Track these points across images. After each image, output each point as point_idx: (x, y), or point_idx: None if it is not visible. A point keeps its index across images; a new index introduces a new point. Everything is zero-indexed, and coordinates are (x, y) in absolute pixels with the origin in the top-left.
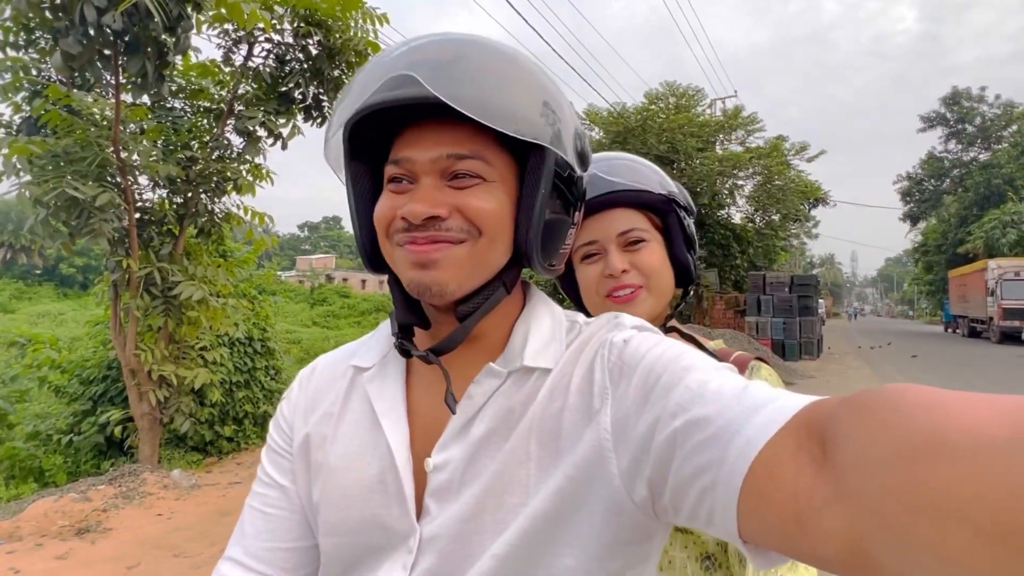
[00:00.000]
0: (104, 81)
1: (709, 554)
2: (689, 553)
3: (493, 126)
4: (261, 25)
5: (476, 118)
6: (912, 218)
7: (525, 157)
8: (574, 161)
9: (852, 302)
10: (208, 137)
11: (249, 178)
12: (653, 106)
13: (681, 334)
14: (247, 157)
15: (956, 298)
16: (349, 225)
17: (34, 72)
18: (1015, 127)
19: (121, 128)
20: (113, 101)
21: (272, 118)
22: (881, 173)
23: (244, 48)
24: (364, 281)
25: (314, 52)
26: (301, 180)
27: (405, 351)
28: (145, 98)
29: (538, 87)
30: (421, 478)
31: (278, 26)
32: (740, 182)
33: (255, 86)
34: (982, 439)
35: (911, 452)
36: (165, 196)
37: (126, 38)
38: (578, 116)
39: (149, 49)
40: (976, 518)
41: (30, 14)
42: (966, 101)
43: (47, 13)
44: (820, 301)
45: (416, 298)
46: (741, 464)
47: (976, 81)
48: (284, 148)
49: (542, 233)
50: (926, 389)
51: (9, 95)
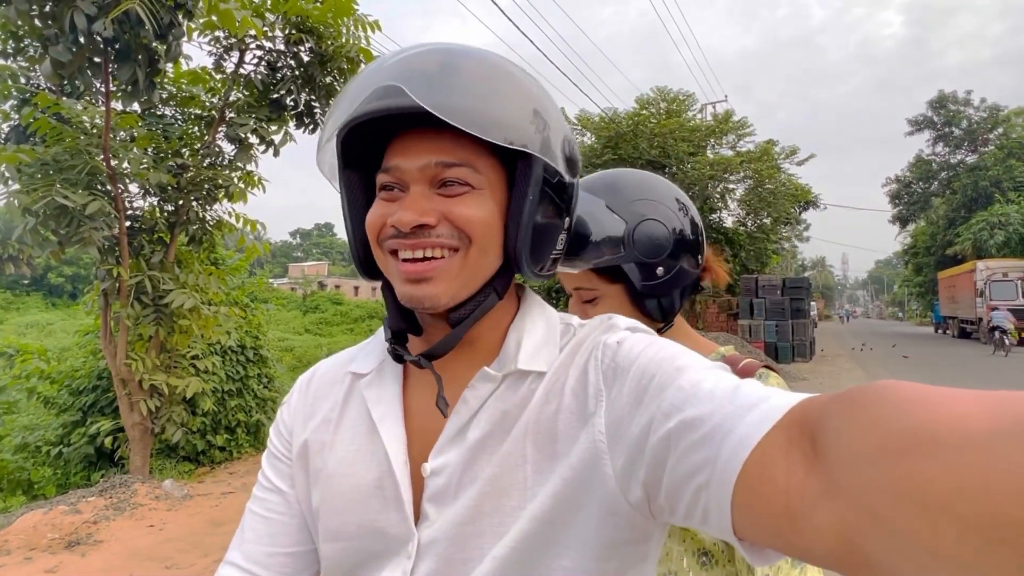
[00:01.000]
0: (94, 89)
1: (706, 551)
2: (686, 547)
3: (479, 135)
4: (253, 32)
5: (461, 127)
6: (901, 220)
7: (514, 164)
8: (563, 168)
9: (843, 304)
10: (199, 144)
11: (241, 185)
12: (644, 111)
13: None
14: (239, 164)
15: (946, 299)
16: (342, 232)
17: (23, 80)
18: (1000, 130)
19: (111, 136)
20: (103, 109)
21: (264, 125)
22: (870, 176)
23: (235, 55)
24: (357, 288)
25: (306, 59)
26: (293, 187)
27: (398, 357)
28: (135, 106)
29: (526, 95)
30: (419, 483)
31: (270, 33)
32: (731, 186)
33: (247, 93)
34: (967, 433)
35: (899, 447)
36: (156, 204)
37: (116, 45)
38: (570, 122)
39: (140, 56)
40: (962, 511)
41: (19, 22)
42: (952, 105)
43: (36, 21)
44: (812, 303)
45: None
46: (734, 463)
47: (962, 85)
48: (276, 155)
49: (532, 240)
50: (914, 385)
51: None
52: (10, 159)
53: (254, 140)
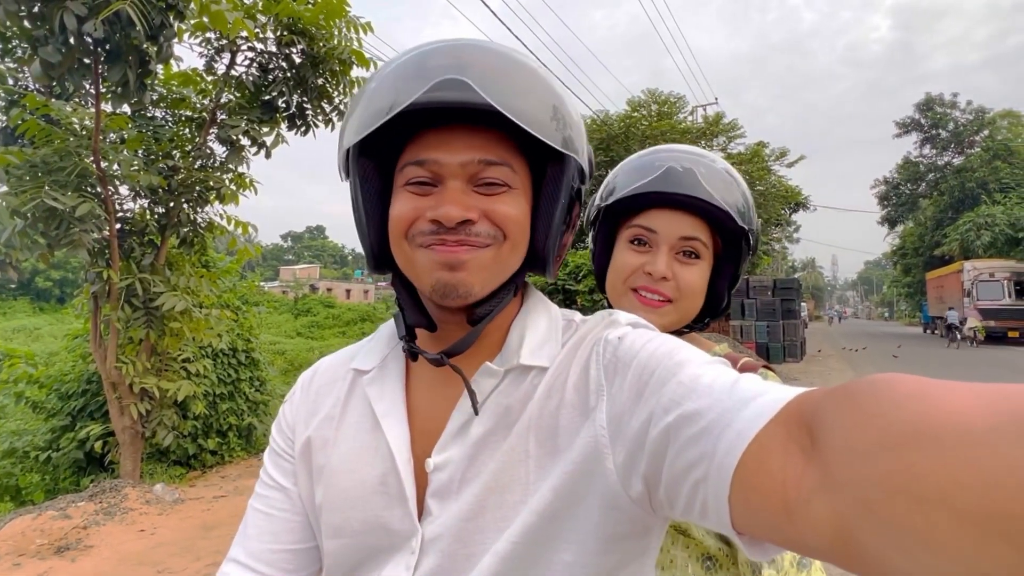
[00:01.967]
0: (84, 90)
1: (710, 555)
2: (690, 553)
3: (541, 137)
4: (244, 33)
5: (528, 129)
6: (890, 222)
7: (539, 165)
8: (587, 171)
9: (833, 305)
10: (190, 146)
11: (232, 187)
12: (636, 113)
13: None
14: (230, 166)
15: (934, 299)
16: (333, 235)
17: (11, 81)
18: (986, 132)
19: (101, 138)
20: (93, 110)
21: (255, 127)
22: (859, 178)
23: (227, 57)
24: (348, 291)
25: (298, 61)
26: (284, 190)
27: (414, 354)
28: (126, 107)
29: (561, 98)
30: (422, 479)
31: (261, 35)
32: None
33: (238, 95)
34: (964, 427)
35: (896, 440)
36: (146, 206)
37: (107, 46)
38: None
39: (130, 58)
40: (958, 504)
41: (7, 22)
42: (939, 107)
43: (25, 22)
44: (802, 304)
45: (425, 300)
46: (731, 456)
47: (948, 87)
48: (268, 157)
49: (557, 240)
50: (911, 379)
51: None
52: None
53: (246, 142)
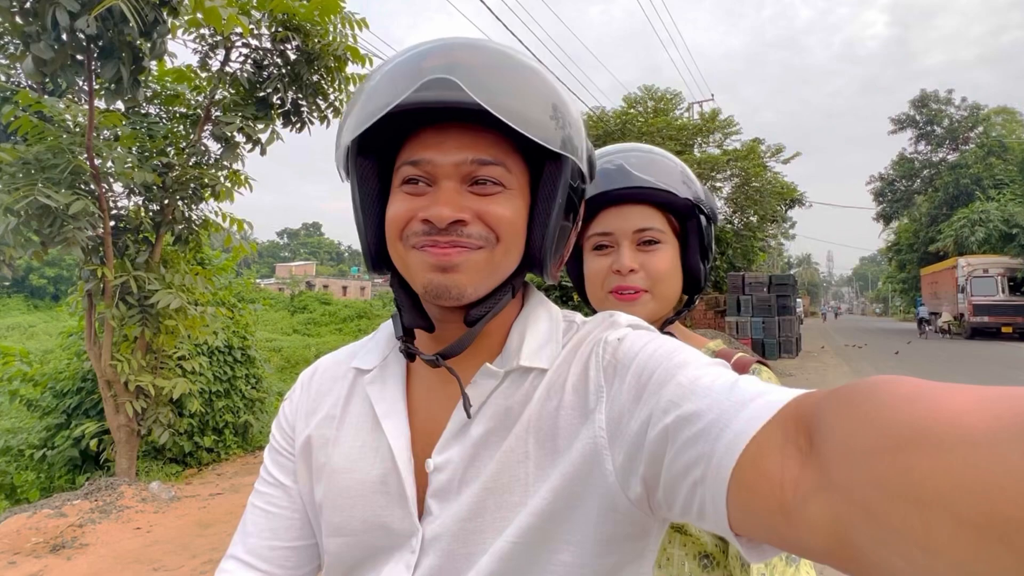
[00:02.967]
0: (77, 87)
1: (707, 553)
2: (687, 551)
3: (531, 136)
4: (238, 30)
5: (517, 128)
6: (885, 218)
7: (536, 164)
8: (586, 170)
9: (828, 301)
10: (185, 143)
11: (227, 184)
12: (632, 110)
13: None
14: (225, 163)
15: (928, 295)
16: (329, 231)
17: (3, 78)
18: (981, 128)
19: (95, 134)
20: (86, 107)
21: (250, 123)
22: (854, 174)
23: (221, 53)
24: (345, 288)
25: (292, 57)
26: (280, 186)
27: (411, 355)
28: (119, 104)
29: (559, 97)
30: (422, 479)
31: (256, 31)
32: (718, 184)
33: (233, 91)
34: (964, 430)
35: (894, 443)
36: (141, 203)
37: (100, 43)
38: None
39: (124, 54)
40: (957, 508)
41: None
42: (934, 104)
43: (17, 18)
44: (798, 300)
45: (424, 301)
46: (729, 457)
47: (943, 84)
48: (263, 154)
49: (555, 241)
50: (910, 380)
51: None
52: None
53: (240, 139)
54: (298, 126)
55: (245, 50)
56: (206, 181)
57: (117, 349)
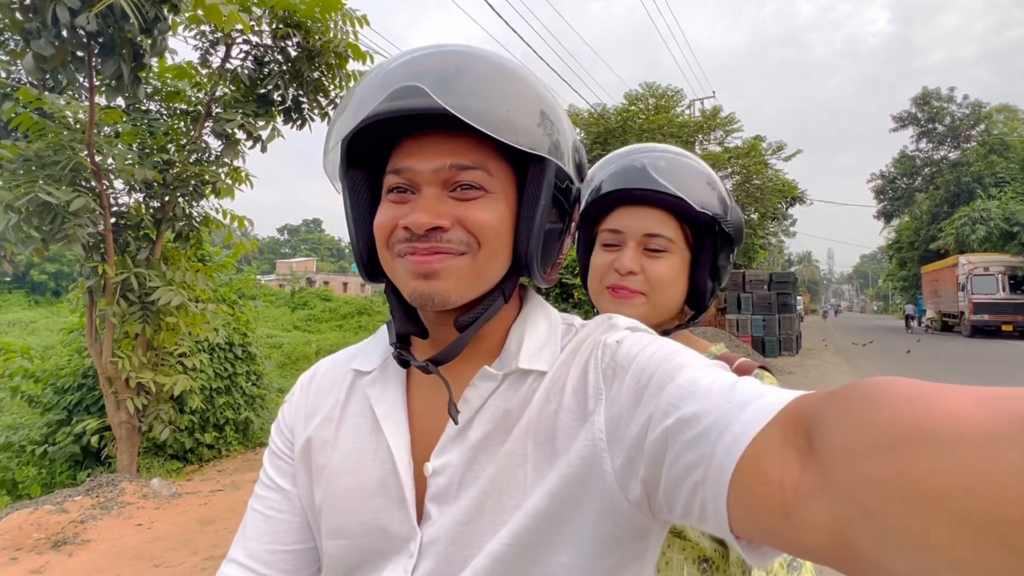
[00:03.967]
0: (77, 83)
1: (706, 558)
2: (686, 556)
3: (499, 138)
4: (239, 26)
5: (483, 129)
6: (886, 215)
7: (523, 168)
8: (572, 172)
9: (829, 298)
10: (185, 140)
11: (228, 181)
12: (633, 107)
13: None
14: (225, 160)
15: (929, 293)
16: (330, 228)
17: (3, 74)
18: (983, 126)
19: (95, 131)
20: (87, 104)
21: (251, 120)
22: (856, 172)
23: (221, 50)
24: (346, 284)
25: (293, 54)
26: (280, 183)
27: (404, 362)
28: (120, 101)
29: (538, 99)
30: (421, 482)
31: (256, 28)
32: None
33: (233, 88)
34: (963, 430)
35: (893, 444)
36: (141, 200)
37: (100, 39)
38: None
39: (124, 51)
40: (956, 508)
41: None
42: (936, 101)
43: (17, 14)
44: (798, 298)
45: (415, 307)
46: (729, 459)
47: (945, 81)
48: (264, 151)
49: (541, 244)
50: (909, 381)
51: None
52: None
53: (241, 135)
54: (299, 123)
55: (246, 47)
56: (207, 178)
57: (118, 346)
